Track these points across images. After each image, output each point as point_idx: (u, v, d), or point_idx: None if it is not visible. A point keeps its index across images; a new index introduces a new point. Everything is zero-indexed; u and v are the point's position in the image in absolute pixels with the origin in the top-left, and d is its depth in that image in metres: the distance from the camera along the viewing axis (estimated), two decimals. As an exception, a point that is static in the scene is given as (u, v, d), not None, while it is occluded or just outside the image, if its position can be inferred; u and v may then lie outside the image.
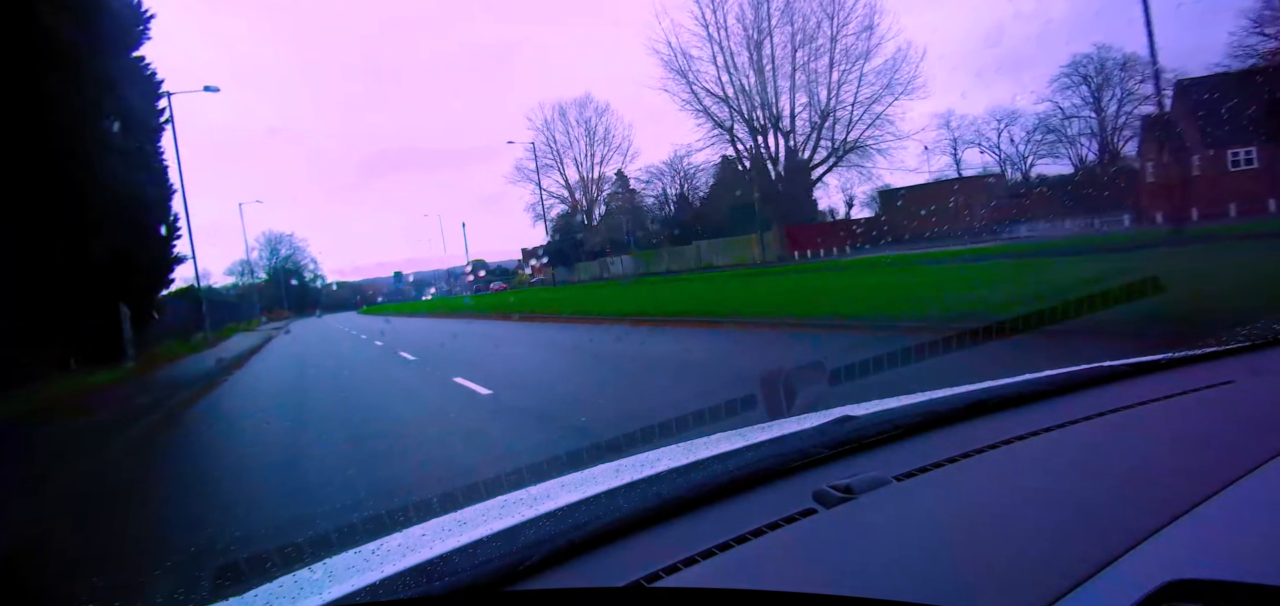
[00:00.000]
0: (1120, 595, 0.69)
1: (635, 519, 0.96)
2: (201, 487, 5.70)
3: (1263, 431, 1.11)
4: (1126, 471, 1.06)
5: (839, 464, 1.15)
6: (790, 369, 2.28)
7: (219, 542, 3.61)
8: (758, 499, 1.04)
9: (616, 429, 3.29)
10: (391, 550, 1.05)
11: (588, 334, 14.53)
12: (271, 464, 6.05)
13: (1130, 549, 0.78)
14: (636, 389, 7.61)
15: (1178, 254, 13.84)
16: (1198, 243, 15.93)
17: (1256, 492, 0.90)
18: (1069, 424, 1.24)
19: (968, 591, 0.75)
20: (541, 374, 10.25)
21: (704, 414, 2.40)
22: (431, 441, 6.29)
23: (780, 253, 43.73)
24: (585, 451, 2.72)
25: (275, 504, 4.66)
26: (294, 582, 1.02)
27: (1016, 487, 1.04)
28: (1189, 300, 5.43)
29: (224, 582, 1.29)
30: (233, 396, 12.37)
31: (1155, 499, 0.90)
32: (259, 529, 3.93)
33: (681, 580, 0.83)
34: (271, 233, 73.96)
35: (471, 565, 0.85)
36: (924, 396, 1.50)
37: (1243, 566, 0.73)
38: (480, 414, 7.06)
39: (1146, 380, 1.51)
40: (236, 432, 8.72)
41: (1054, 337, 3.87)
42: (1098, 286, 4.00)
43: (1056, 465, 1.12)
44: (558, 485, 1.30)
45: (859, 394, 1.94)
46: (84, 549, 4.01)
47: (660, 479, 1.07)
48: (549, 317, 21.06)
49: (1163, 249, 16.10)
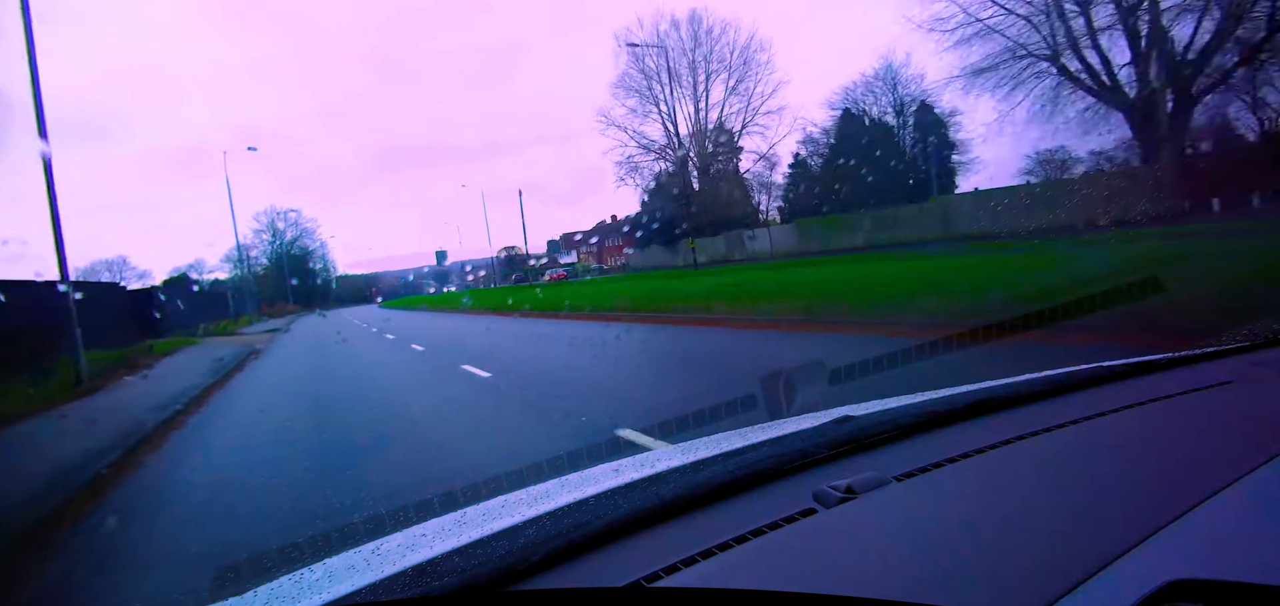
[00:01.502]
0: (1120, 595, 0.69)
1: (635, 519, 0.97)
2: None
3: (1262, 431, 1.11)
4: (1126, 471, 1.06)
5: (839, 464, 1.15)
6: (789, 369, 2.27)
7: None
8: (758, 499, 1.04)
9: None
10: (391, 550, 1.05)
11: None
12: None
13: (1130, 549, 0.78)
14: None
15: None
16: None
17: (1256, 492, 0.90)
18: (1069, 424, 1.24)
19: (968, 591, 0.75)
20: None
21: (704, 413, 2.40)
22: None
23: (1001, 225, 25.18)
24: (585, 451, 2.72)
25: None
26: (294, 582, 1.02)
27: (1016, 487, 1.04)
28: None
29: (224, 582, 1.30)
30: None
31: (1155, 499, 0.90)
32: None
33: (681, 580, 0.83)
34: (273, 210, 60.53)
35: (472, 565, 0.85)
36: (924, 396, 1.50)
37: (1243, 566, 0.73)
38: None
39: (1146, 380, 1.51)
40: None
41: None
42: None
43: (1056, 465, 1.12)
44: (558, 485, 1.30)
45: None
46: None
47: (660, 479, 1.07)
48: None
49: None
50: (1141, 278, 3.84)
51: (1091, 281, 6.91)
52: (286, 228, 61.17)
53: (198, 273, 55.24)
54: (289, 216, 61.68)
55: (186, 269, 54.87)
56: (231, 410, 9.17)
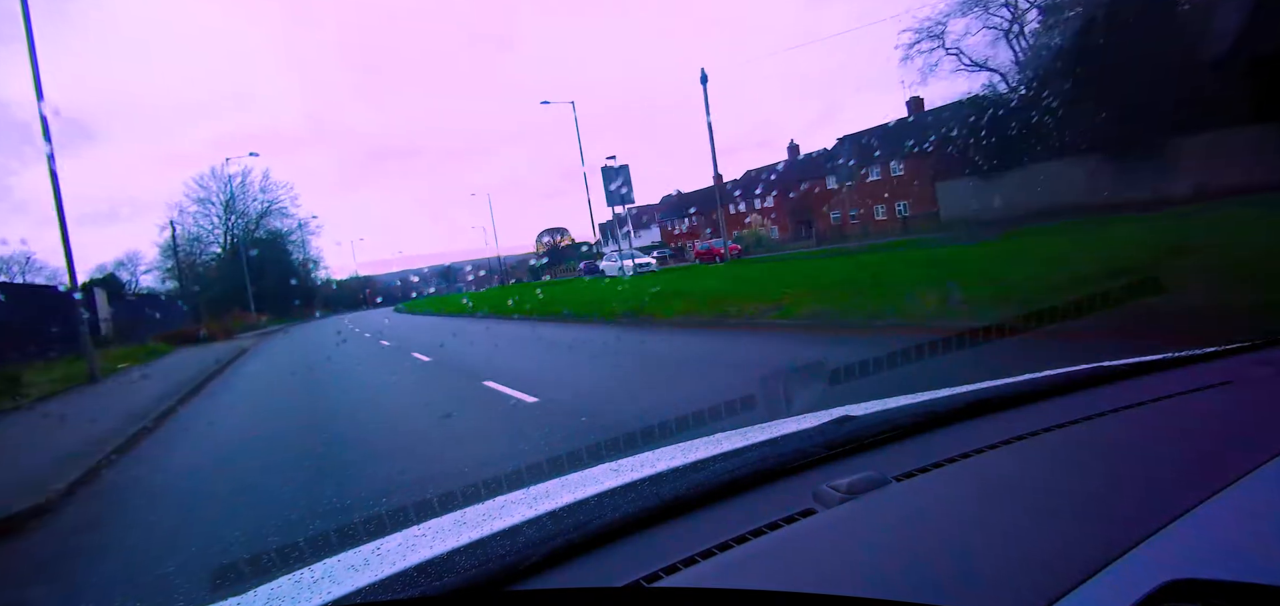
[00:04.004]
0: (1120, 595, 0.69)
1: (635, 519, 0.97)
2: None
3: (1263, 431, 1.11)
4: (1126, 471, 1.06)
5: (839, 464, 1.15)
6: (787, 370, 2.26)
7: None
8: (757, 499, 1.04)
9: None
10: (391, 550, 1.05)
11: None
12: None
13: (1130, 549, 0.78)
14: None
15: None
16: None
17: (1256, 492, 0.90)
18: (1069, 424, 1.24)
19: (968, 591, 0.75)
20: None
21: (703, 414, 2.41)
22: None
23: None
24: (585, 451, 2.73)
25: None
26: (294, 582, 1.02)
27: (1016, 488, 1.04)
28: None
29: (223, 582, 1.30)
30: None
31: (1155, 499, 0.90)
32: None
33: (681, 580, 0.83)
34: (222, 169, 39.56)
35: (471, 565, 0.85)
36: (924, 396, 1.50)
37: (1243, 566, 0.73)
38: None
39: (1146, 380, 1.51)
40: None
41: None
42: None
43: (1056, 465, 1.12)
44: (558, 485, 1.30)
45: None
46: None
47: (660, 479, 1.07)
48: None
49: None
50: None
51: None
52: (245, 191, 40.18)
53: (130, 269, 41.81)
54: (246, 171, 39.74)
55: (116, 267, 41.21)
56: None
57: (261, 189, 41.49)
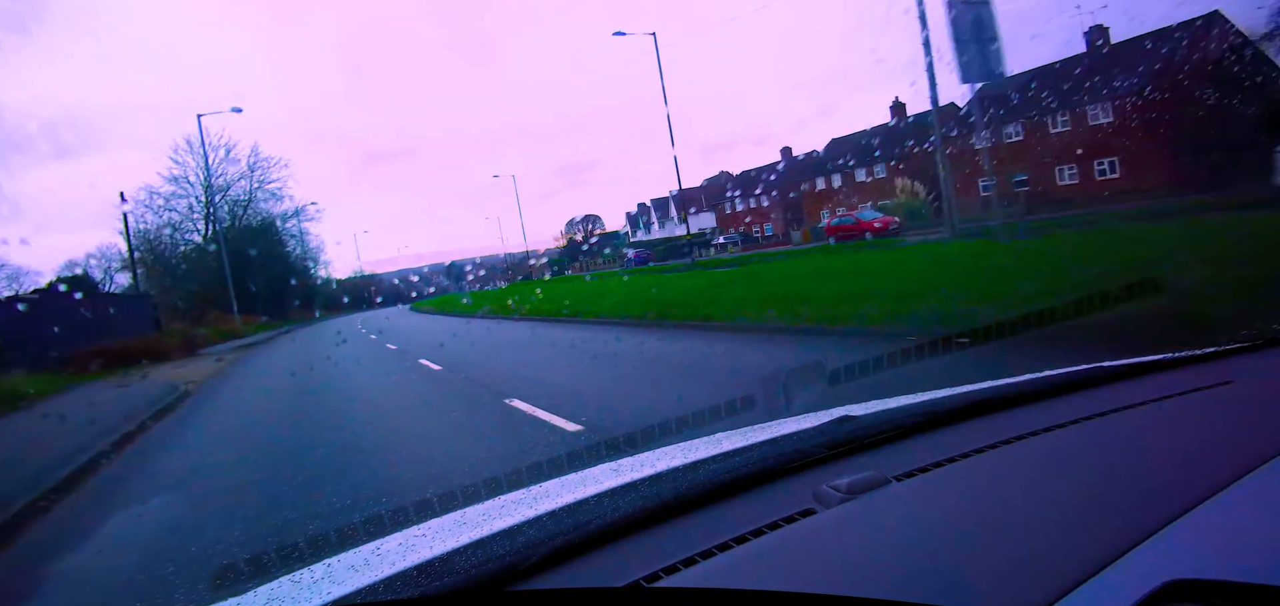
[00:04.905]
0: (1120, 595, 0.69)
1: (635, 519, 0.96)
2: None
3: (1262, 431, 1.11)
4: (1126, 471, 1.06)
5: (839, 464, 1.15)
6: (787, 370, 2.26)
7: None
8: (757, 499, 1.04)
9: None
10: (391, 550, 1.05)
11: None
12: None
13: (1130, 549, 0.78)
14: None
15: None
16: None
17: (1256, 492, 0.90)
18: (1068, 424, 1.24)
19: (968, 591, 0.75)
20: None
21: (704, 414, 2.41)
22: None
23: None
24: (585, 451, 2.73)
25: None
26: (294, 582, 1.02)
27: (1016, 488, 1.04)
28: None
29: (223, 583, 1.30)
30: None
31: (1155, 499, 0.90)
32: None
33: (681, 580, 0.83)
34: (198, 141, 32.08)
35: (472, 565, 0.85)
36: (924, 396, 1.50)
37: (1243, 566, 0.73)
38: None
39: (1146, 380, 1.51)
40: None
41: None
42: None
43: (1056, 465, 1.12)
44: (558, 485, 1.29)
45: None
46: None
47: (660, 479, 1.07)
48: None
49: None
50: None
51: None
52: (228, 166, 31.78)
53: (104, 267, 35.10)
54: (230, 145, 32.41)
55: (87, 264, 34.51)
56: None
57: (250, 166, 34.77)
